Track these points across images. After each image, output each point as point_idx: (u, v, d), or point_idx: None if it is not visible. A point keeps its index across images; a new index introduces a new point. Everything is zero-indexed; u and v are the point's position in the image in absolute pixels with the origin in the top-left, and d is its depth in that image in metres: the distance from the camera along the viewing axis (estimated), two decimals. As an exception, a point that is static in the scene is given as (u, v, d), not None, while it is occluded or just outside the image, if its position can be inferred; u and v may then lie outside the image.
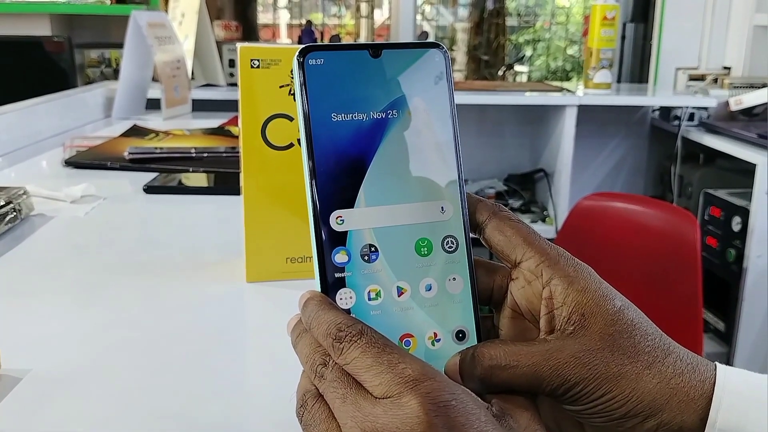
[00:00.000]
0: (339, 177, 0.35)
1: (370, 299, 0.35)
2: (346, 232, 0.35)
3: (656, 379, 0.34)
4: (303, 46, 0.35)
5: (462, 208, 0.38)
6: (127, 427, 0.46)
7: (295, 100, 0.36)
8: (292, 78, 0.36)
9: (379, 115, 0.36)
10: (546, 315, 0.36)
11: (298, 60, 0.35)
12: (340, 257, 0.35)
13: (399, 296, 0.36)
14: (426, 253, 0.37)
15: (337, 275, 0.35)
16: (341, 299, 0.35)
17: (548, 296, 0.36)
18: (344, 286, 0.35)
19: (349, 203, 0.35)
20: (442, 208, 0.37)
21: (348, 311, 0.35)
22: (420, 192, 0.37)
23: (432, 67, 0.37)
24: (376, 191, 0.36)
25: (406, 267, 0.36)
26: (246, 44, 0.63)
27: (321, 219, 0.35)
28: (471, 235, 0.38)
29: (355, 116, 0.36)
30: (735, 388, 0.34)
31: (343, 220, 0.35)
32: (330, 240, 0.35)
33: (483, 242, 0.39)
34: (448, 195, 0.37)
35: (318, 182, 0.35)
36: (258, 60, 0.63)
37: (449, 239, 0.37)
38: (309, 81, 0.35)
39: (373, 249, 0.36)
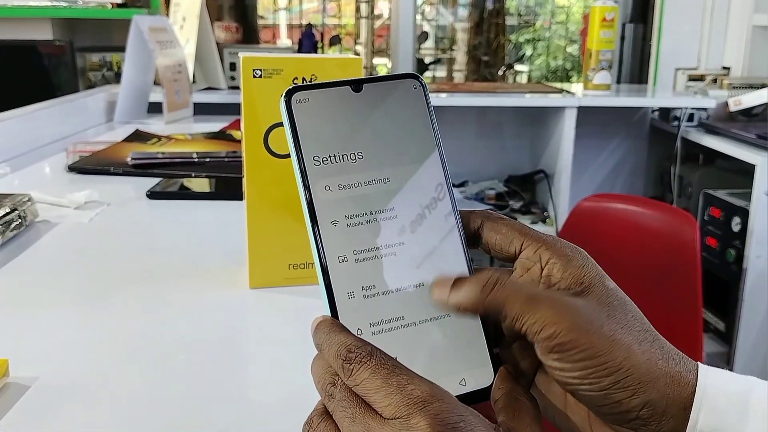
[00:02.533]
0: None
1: None
2: None
3: (645, 356, 0.35)
4: (288, 87, 0.37)
5: (457, 223, 0.39)
6: (135, 435, 0.47)
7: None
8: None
9: (367, 145, 0.38)
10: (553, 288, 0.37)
11: (284, 101, 0.37)
12: None
13: None
14: (427, 269, 0.38)
15: None
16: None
17: (547, 275, 0.37)
18: None
19: None
20: (438, 227, 0.38)
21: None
22: (415, 214, 0.38)
23: (411, 95, 0.39)
24: (372, 218, 0.37)
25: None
26: (248, 54, 0.64)
27: (324, 248, 0.36)
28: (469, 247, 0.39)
29: (344, 148, 0.37)
30: (716, 389, 0.35)
31: None
32: None
33: (482, 249, 0.40)
34: (443, 214, 0.39)
35: (318, 214, 0.36)
36: (260, 69, 0.64)
37: (448, 256, 0.38)
38: (297, 119, 0.37)
39: None
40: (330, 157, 0.37)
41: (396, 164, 0.38)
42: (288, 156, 0.67)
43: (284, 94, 0.37)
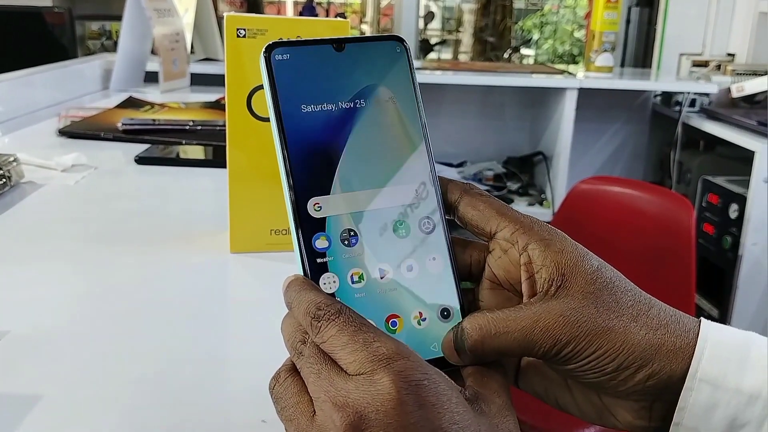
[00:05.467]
0: (313, 166, 0.36)
1: (353, 282, 0.36)
2: (324, 219, 0.36)
3: (643, 331, 0.35)
4: (269, 43, 0.36)
5: (435, 189, 0.39)
6: (101, 390, 0.46)
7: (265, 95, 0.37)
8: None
9: (347, 105, 0.37)
10: (527, 280, 0.37)
11: (264, 56, 0.36)
12: (320, 243, 0.36)
13: (381, 278, 0.37)
14: (404, 234, 0.38)
15: (319, 260, 0.36)
16: (325, 284, 0.36)
17: (527, 261, 0.37)
18: (327, 270, 0.36)
19: (326, 190, 0.36)
20: (416, 191, 0.38)
21: (333, 295, 0.36)
22: (393, 176, 0.38)
23: (394, 57, 0.39)
24: (350, 177, 0.37)
25: (386, 249, 0.37)
26: (232, 13, 0.63)
27: (299, 207, 0.36)
28: (446, 216, 0.39)
29: (323, 107, 0.37)
30: (717, 339, 0.35)
31: (320, 207, 0.36)
32: (309, 226, 0.36)
33: (457, 221, 0.39)
34: (421, 178, 0.38)
35: (293, 172, 0.36)
36: (244, 29, 0.63)
37: (425, 220, 0.38)
38: (277, 75, 0.36)
39: (352, 233, 0.36)
40: (309, 110, 0.36)
41: (375, 117, 0.38)
42: (271, 119, 0.67)
43: (264, 49, 0.36)
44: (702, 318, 0.37)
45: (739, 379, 0.34)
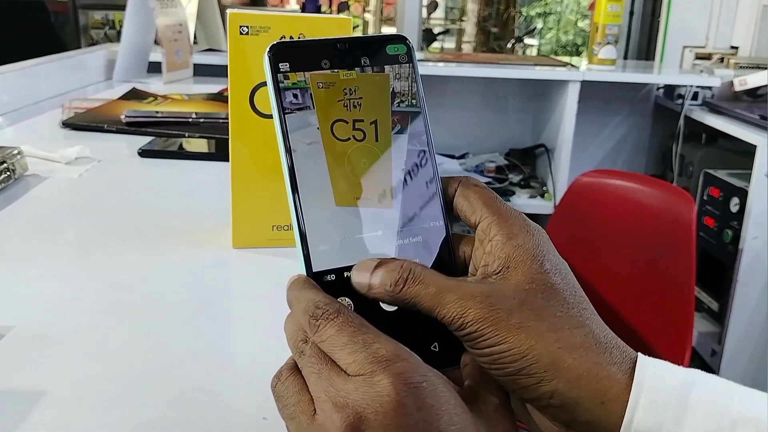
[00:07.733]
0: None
1: None
2: None
3: (558, 344, 0.34)
4: (273, 43, 0.37)
5: (437, 189, 0.39)
6: (105, 387, 0.47)
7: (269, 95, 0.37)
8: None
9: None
10: (482, 267, 0.36)
11: (269, 56, 0.36)
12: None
13: None
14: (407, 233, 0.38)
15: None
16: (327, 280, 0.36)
17: (489, 250, 0.36)
18: (329, 270, 0.36)
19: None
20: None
21: (335, 286, 0.36)
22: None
23: (398, 57, 0.39)
24: None
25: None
26: (235, 10, 0.64)
27: (302, 207, 0.36)
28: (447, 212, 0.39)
29: None
30: (653, 385, 0.33)
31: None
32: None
33: (455, 214, 0.40)
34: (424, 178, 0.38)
35: (296, 172, 0.36)
36: (247, 27, 0.63)
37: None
38: (281, 76, 0.36)
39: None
40: None
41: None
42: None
43: (268, 50, 0.36)
44: (639, 355, 0.35)
45: (677, 429, 0.33)
